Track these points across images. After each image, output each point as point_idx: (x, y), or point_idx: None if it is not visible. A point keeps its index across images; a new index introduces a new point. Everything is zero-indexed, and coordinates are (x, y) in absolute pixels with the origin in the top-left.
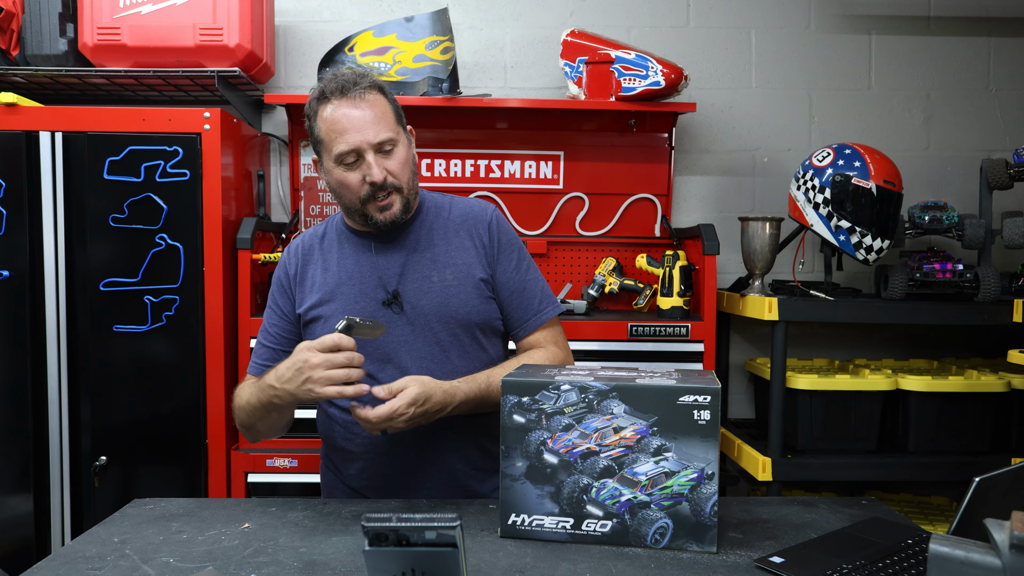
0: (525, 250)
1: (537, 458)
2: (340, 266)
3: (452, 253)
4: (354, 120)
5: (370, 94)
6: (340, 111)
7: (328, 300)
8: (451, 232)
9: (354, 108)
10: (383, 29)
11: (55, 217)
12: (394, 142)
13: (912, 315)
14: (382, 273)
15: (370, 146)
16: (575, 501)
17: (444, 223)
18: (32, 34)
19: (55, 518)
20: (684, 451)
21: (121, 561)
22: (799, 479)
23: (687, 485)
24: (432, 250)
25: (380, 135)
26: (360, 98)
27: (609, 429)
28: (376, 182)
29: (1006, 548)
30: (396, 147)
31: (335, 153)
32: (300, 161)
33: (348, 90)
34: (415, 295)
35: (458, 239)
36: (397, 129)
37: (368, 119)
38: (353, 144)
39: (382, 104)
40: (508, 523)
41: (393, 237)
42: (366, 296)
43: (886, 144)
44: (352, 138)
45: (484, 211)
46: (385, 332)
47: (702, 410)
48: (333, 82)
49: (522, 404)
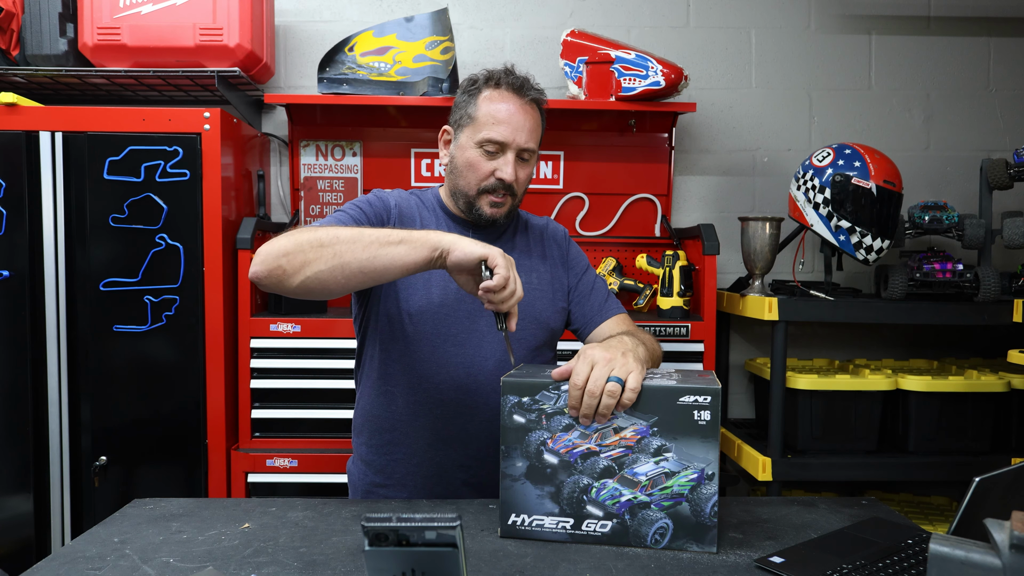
0: (590, 263)
1: (537, 458)
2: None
3: (535, 260)
4: (516, 118)
5: (537, 105)
6: (508, 104)
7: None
8: (534, 242)
9: (520, 107)
10: (383, 29)
11: (55, 217)
12: (533, 154)
13: (912, 315)
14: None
15: (517, 147)
16: (575, 501)
17: (528, 233)
18: (32, 34)
19: (55, 518)
20: (684, 451)
21: (121, 561)
22: (799, 479)
23: (687, 485)
24: (519, 254)
25: (529, 142)
26: (530, 101)
27: (609, 429)
28: (506, 180)
29: (1006, 548)
30: (531, 160)
31: (483, 136)
32: (300, 161)
33: (523, 89)
34: None
35: (539, 249)
36: (538, 146)
37: (527, 124)
38: (505, 137)
39: (539, 119)
40: (508, 523)
41: (487, 233)
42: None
43: (886, 144)
44: (506, 132)
45: (558, 227)
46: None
47: (702, 410)
48: (511, 75)
49: (522, 404)
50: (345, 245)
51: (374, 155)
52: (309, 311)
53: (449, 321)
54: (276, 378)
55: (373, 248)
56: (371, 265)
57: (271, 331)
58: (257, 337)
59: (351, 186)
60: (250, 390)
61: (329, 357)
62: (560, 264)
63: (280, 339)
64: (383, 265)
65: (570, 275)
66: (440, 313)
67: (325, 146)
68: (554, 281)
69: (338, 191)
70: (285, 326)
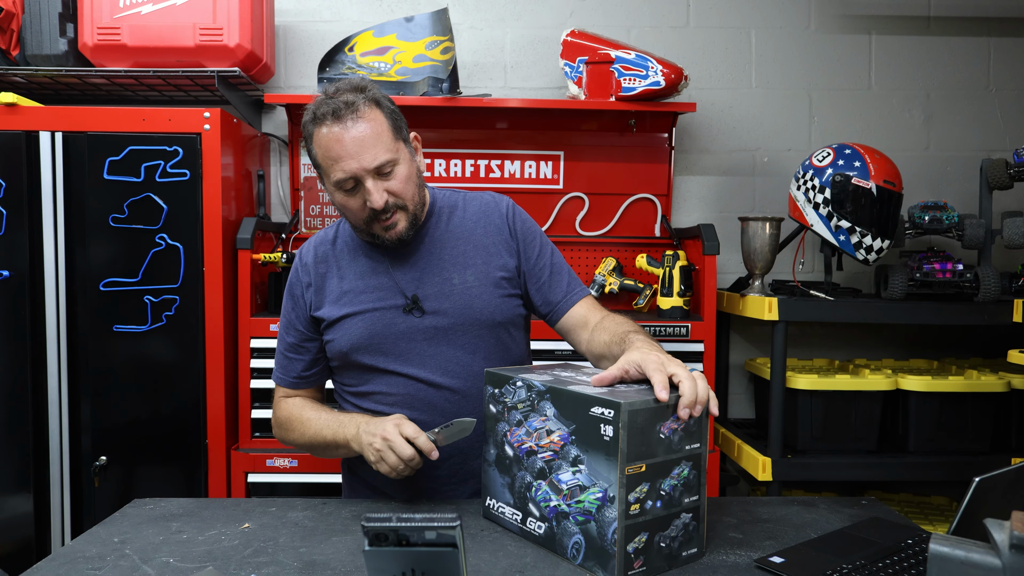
0: (546, 236)
1: (501, 448)
2: (357, 274)
3: (471, 253)
4: (348, 146)
5: (366, 113)
6: (334, 136)
7: (346, 309)
8: (468, 231)
9: (347, 132)
10: (383, 29)
11: (55, 217)
12: (393, 162)
13: (912, 315)
14: (398, 280)
15: (367, 172)
16: (521, 496)
17: (460, 222)
18: (32, 34)
19: (55, 518)
20: (593, 466)
21: (121, 561)
22: (799, 479)
23: (595, 504)
24: (450, 251)
25: (377, 159)
26: (354, 120)
27: (544, 430)
28: (377, 207)
29: (1006, 548)
30: (396, 166)
31: (334, 181)
32: (300, 161)
33: (341, 113)
34: (436, 299)
35: (475, 237)
36: (396, 146)
37: (364, 142)
38: (349, 171)
39: (378, 123)
40: (486, 504)
41: (408, 242)
42: (384, 303)
43: (886, 144)
44: (348, 165)
45: (498, 204)
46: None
47: (607, 425)
48: (326, 104)
49: (495, 395)
50: (304, 438)
51: None
52: None
53: (385, 346)
54: None
55: (322, 451)
56: (324, 456)
57: (271, 331)
58: (257, 337)
59: None
60: (250, 390)
61: None
62: (503, 248)
63: None
64: (331, 456)
65: (521, 258)
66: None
67: None
68: (494, 271)
69: None
70: None
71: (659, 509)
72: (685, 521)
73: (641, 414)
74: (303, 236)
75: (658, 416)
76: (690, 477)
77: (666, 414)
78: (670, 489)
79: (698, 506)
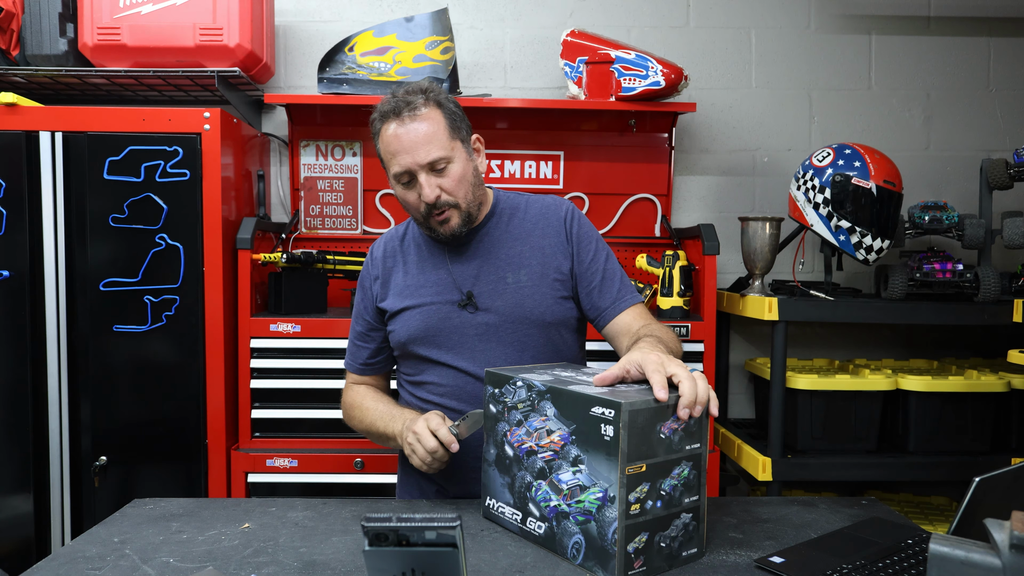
0: (603, 242)
1: (500, 448)
2: (419, 269)
3: (527, 254)
4: (404, 142)
5: (424, 112)
6: (393, 132)
7: (407, 302)
8: (526, 232)
9: (405, 129)
10: (383, 29)
11: (55, 217)
12: (447, 160)
13: (912, 315)
14: (456, 276)
15: (420, 167)
16: (521, 496)
17: (519, 223)
18: (32, 34)
19: (55, 518)
20: (593, 467)
21: (121, 561)
22: (799, 479)
23: (595, 504)
24: (507, 251)
25: (431, 155)
26: (412, 118)
27: (544, 430)
28: (428, 202)
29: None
30: (450, 164)
31: (392, 174)
32: (300, 161)
33: (401, 111)
34: (490, 296)
35: (533, 239)
36: (451, 145)
37: (419, 139)
38: (404, 166)
39: (435, 122)
40: (486, 504)
41: (467, 240)
42: (441, 298)
43: (886, 144)
44: (403, 160)
45: (559, 206)
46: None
47: (607, 425)
48: (389, 103)
49: (495, 395)
50: (362, 425)
51: (374, 155)
52: (309, 311)
53: (439, 338)
54: (276, 378)
55: (376, 439)
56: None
57: (271, 331)
58: (257, 337)
59: (351, 186)
60: (250, 390)
61: (329, 357)
62: (559, 250)
63: (280, 339)
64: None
65: (575, 260)
66: (428, 335)
67: (325, 146)
68: (549, 272)
69: (338, 191)
70: (285, 326)
71: (659, 509)
72: (685, 521)
73: (641, 414)
74: (303, 236)
75: (658, 416)
76: (690, 477)
77: (666, 414)
78: (670, 489)
79: (698, 506)
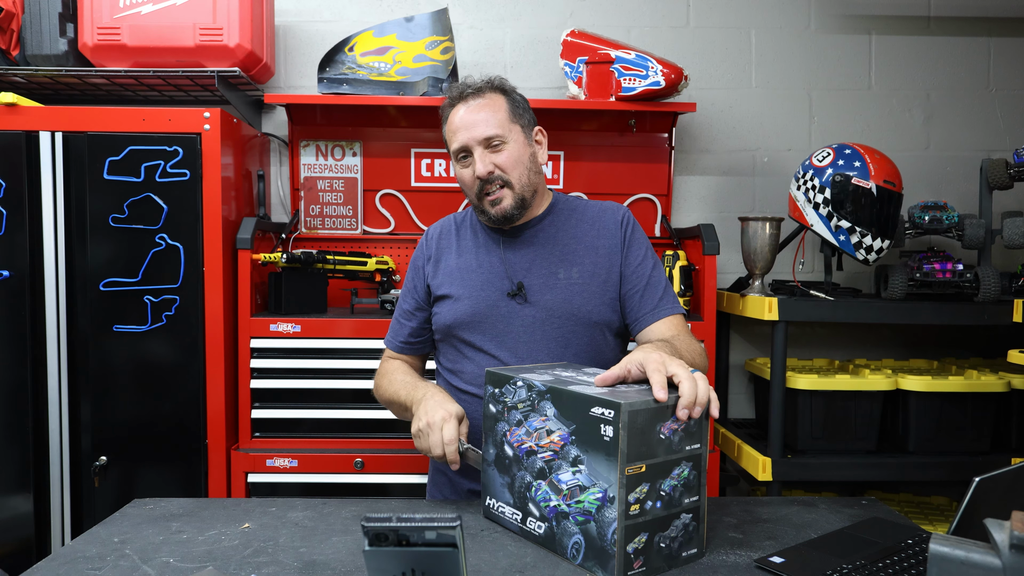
0: (653, 251)
1: (500, 448)
2: (472, 254)
3: (581, 252)
4: (466, 120)
5: (486, 94)
6: (456, 112)
7: (456, 284)
8: (583, 232)
9: (467, 109)
10: (383, 29)
11: (55, 217)
12: (503, 138)
13: (912, 315)
14: (509, 266)
15: (476, 142)
16: (521, 496)
17: (576, 223)
18: (32, 34)
19: (55, 518)
20: (593, 467)
21: (121, 561)
22: (799, 479)
23: (595, 504)
24: (561, 248)
25: (488, 131)
26: (474, 98)
27: (544, 430)
28: (480, 176)
29: (1006, 548)
30: (506, 143)
31: (452, 151)
32: (300, 161)
33: (465, 94)
34: (540, 290)
35: (588, 238)
36: (510, 127)
37: (478, 118)
38: (462, 142)
39: (496, 103)
40: (486, 504)
41: (522, 232)
42: (491, 286)
43: (886, 144)
44: (461, 136)
45: (616, 210)
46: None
47: (607, 425)
48: (455, 88)
49: (495, 395)
50: (387, 396)
51: (374, 155)
52: (309, 311)
53: (484, 325)
54: (276, 378)
55: (397, 410)
56: (400, 417)
57: (271, 331)
58: (257, 337)
59: (351, 186)
60: (250, 390)
61: (329, 357)
62: (613, 253)
63: (280, 339)
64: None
65: (624, 262)
66: (474, 321)
67: (325, 146)
68: (600, 272)
69: (338, 191)
70: (285, 326)
71: (659, 509)
72: (685, 521)
73: (641, 414)
74: (303, 236)
75: (658, 416)
76: (690, 477)
77: (666, 414)
78: (670, 489)
79: (698, 506)
